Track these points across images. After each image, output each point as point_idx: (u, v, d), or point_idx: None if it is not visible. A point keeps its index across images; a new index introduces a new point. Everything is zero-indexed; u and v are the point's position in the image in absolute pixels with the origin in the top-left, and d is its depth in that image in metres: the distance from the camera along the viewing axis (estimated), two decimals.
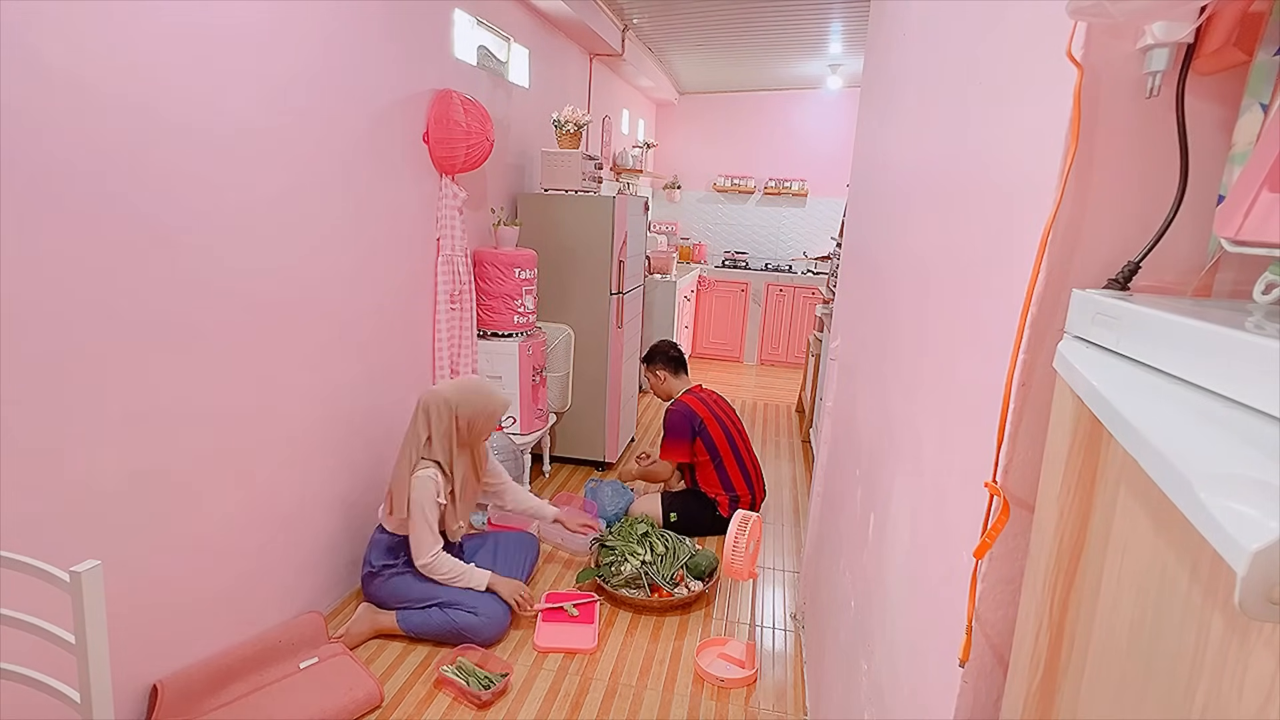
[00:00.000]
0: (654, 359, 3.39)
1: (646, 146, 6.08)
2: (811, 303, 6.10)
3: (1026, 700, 0.62)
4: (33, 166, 1.34)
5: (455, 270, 2.83)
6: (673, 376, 3.35)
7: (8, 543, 1.34)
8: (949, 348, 0.96)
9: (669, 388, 3.34)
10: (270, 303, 1.96)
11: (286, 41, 1.91)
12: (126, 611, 1.62)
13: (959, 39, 1.05)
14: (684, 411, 3.15)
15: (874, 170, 1.94)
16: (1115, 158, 0.62)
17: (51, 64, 1.35)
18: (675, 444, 3.13)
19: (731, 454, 3.13)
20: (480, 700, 1.96)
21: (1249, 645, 0.33)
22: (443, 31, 2.72)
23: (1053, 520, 0.59)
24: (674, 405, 3.22)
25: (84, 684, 1.08)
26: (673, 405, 3.23)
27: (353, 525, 2.45)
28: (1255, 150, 0.51)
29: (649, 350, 3.46)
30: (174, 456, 1.72)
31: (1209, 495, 0.33)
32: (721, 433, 3.13)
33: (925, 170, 1.22)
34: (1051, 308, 0.65)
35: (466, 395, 2.29)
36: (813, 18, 4.08)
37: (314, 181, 2.08)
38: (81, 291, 1.46)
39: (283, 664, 1.99)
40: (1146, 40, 0.57)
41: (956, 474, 0.86)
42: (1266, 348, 0.37)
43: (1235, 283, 0.60)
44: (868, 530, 1.39)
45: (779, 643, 2.37)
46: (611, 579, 2.53)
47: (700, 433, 3.10)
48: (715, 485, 3.10)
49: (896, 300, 1.37)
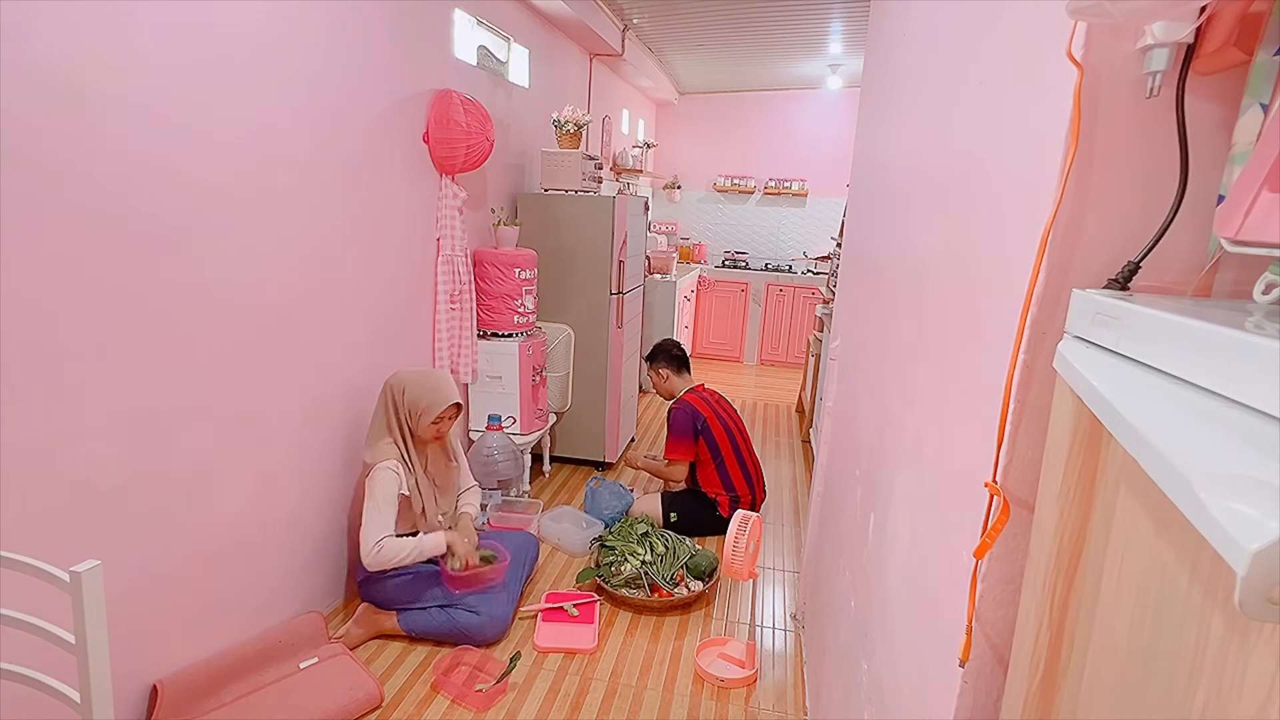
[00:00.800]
0: (657, 357, 3.39)
1: (646, 146, 6.08)
2: (811, 303, 6.10)
3: (1026, 700, 0.62)
4: (33, 167, 1.34)
5: (455, 270, 2.83)
6: (675, 375, 3.35)
7: (8, 543, 1.34)
8: (949, 348, 0.96)
9: (672, 386, 3.35)
10: (270, 303, 1.96)
11: (286, 42, 1.91)
12: (126, 611, 1.62)
13: (959, 39, 1.05)
14: (687, 410, 3.15)
15: (874, 170, 1.94)
16: (1115, 158, 0.62)
17: (52, 65, 1.35)
18: (679, 442, 3.13)
19: (733, 454, 3.13)
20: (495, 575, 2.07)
21: (1249, 645, 0.33)
22: (443, 31, 2.72)
23: (1053, 520, 0.59)
24: (677, 404, 3.22)
25: (84, 684, 1.08)
26: (676, 404, 3.23)
27: (353, 525, 2.45)
28: (1255, 150, 0.51)
29: (652, 349, 3.46)
30: (174, 456, 1.72)
31: (1209, 495, 0.33)
32: (723, 432, 3.13)
33: (925, 170, 1.22)
34: (1051, 308, 0.65)
35: (411, 381, 2.28)
36: (813, 18, 4.08)
37: (314, 181, 2.08)
38: (82, 292, 1.46)
39: (283, 664, 1.98)
40: (1146, 40, 0.57)
41: (956, 474, 0.86)
42: (1266, 348, 0.37)
43: (1235, 283, 0.60)
44: (868, 530, 1.39)
45: (779, 643, 2.37)
46: (611, 579, 2.53)
47: (703, 432, 3.11)
48: (716, 485, 3.11)
49: (896, 300, 1.37)
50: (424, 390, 2.26)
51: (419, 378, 2.30)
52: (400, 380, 2.28)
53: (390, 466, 2.17)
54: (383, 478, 2.16)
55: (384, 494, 2.15)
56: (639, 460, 3.40)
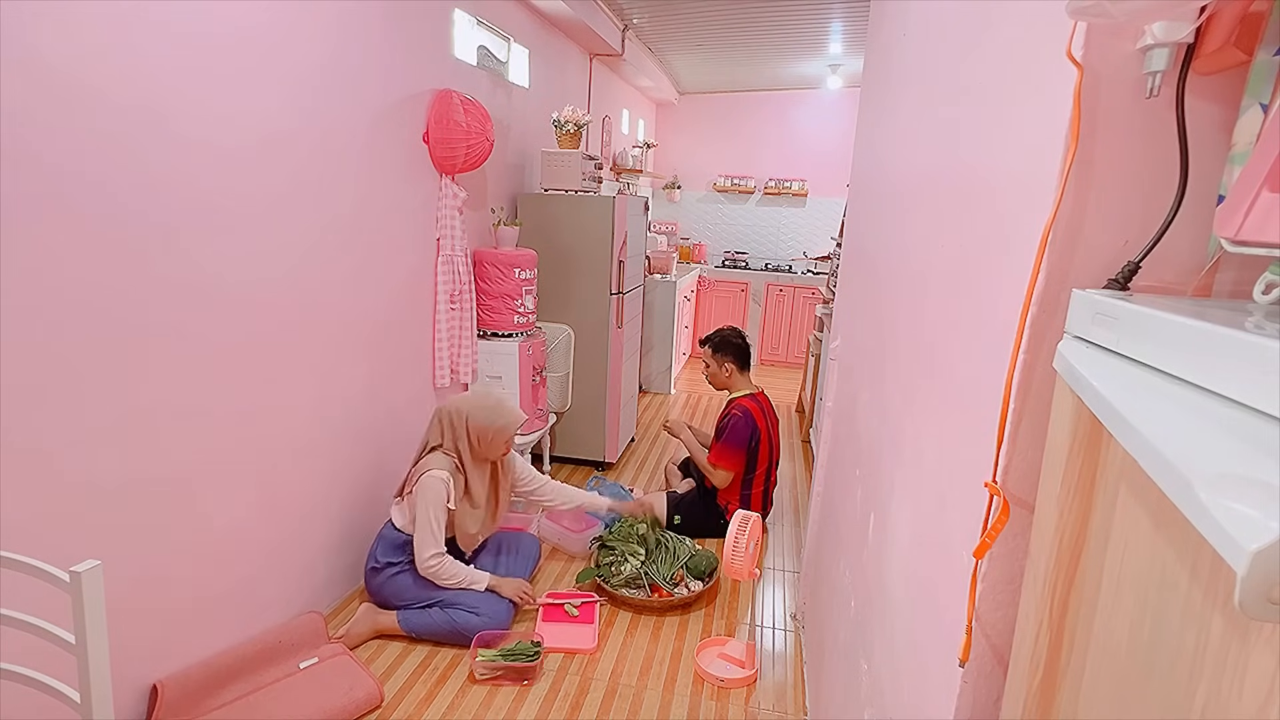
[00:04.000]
0: (724, 348, 3.07)
1: (646, 146, 6.08)
2: (811, 303, 6.10)
3: (1026, 700, 0.62)
4: (34, 169, 1.34)
5: (455, 270, 2.83)
6: (739, 372, 3.10)
7: (8, 543, 1.34)
8: (949, 348, 0.96)
9: (733, 383, 3.09)
10: (270, 303, 1.96)
11: (287, 42, 1.91)
12: (126, 611, 1.62)
13: (958, 38, 1.05)
14: (749, 421, 2.94)
15: (874, 170, 1.94)
16: (1115, 158, 0.62)
17: (54, 67, 1.35)
18: (733, 451, 2.93)
19: (764, 473, 3.01)
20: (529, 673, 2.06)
21: (1249, 645, 0.33)
22: (443, 31, 2.72)
23: (1053, 520, 0.59)
24: (738, 409, 2.98)
25: (84, 684, 1.08)
26: (737, 408, 2.99)
27: (353, 525, 2.45)
28: (1255, 150, 0.51)
29: (718, 336, 3.11)
30: (175, 457, 1.72)
31: (1209, 495, 0.33)
32: (768, 452, 2.98)
33: (925, 170, 1.22)
34: (1051, 308, 0.65)
35: (477, 406, 2.31)
36: (813, 18, 4.08)
37: (314, 182, 2.08)
38: (84, 292, 1.46)
39: (283, 664, 1.98)
40: (1146, 40, 0.57)
41: (956, 474, 0.86)
42: (1266, 348, 0.37)
43: (1235, 283, 0.60)
44: (868, 530, 1.39)
45: (779, 643, 2.37)
46: (611, 579, 2.53)
47: (754, 447, 2.94)
48: (734, 497, 3.01)
49: (896, 300, 1.37)
50: (493, 414, 2.30)
51: (482, 401, 2.32)
52: (459, 408, 2.30)
53: (441, 477, 2.21)
54: (433, 485, 2.19)
55: (435, 501, 2.19)
56: (681, 430, 3.14)
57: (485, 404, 2.32)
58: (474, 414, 2.29)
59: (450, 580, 2.23)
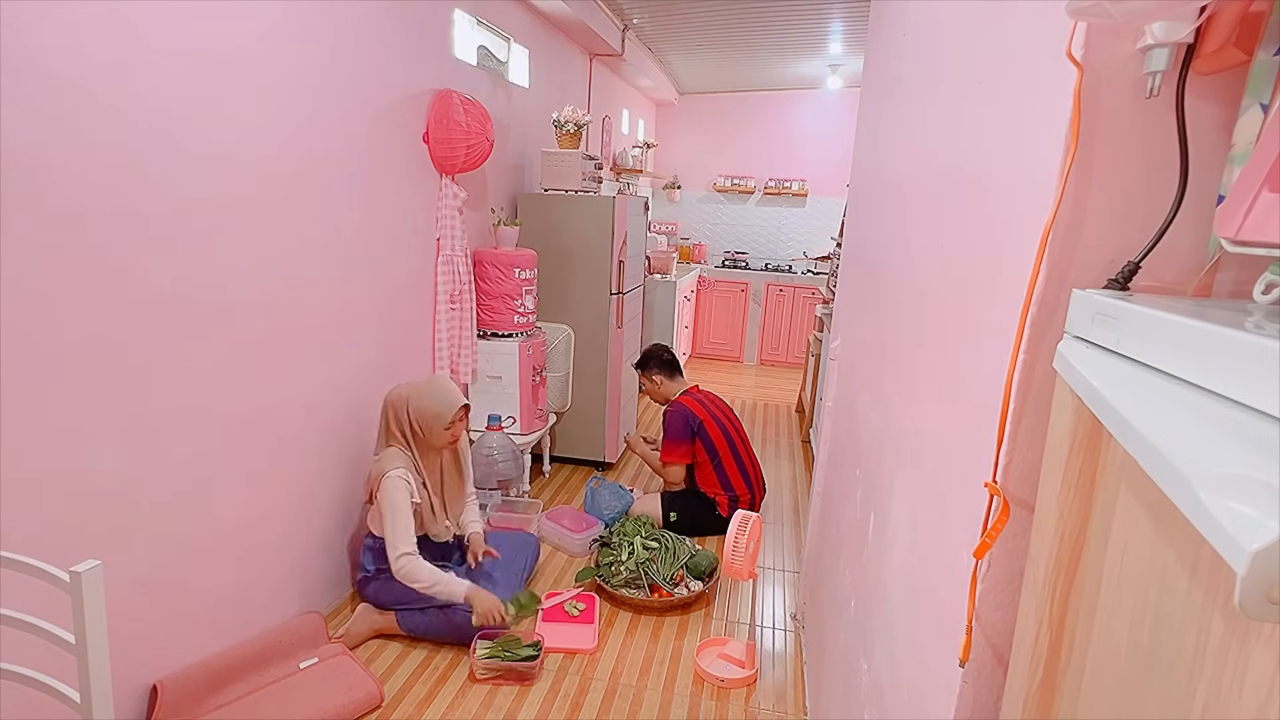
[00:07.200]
0: (648, 364, 3.38)
1: (646, 146, 6.08)
2: (811, 303, 6.10)
3: (1026, 700, 0.62)
4: (35, 171, 1.33)
5: (455, 270, 2.83)
6: (668, 380, 3.35)
7: (8, 543, 1.34)
8: (949, 348, 0.96)
9: (666, 390, 3.34)
10: (270, 303, 1.96)
11: (287, 44, 1.91)
12: (126, 611, 1.62)
13: (958, 39, 1.05)
14: (682, 412, 3.15)
15: (874, 170, 1.94)
16: (1115, 158, 0.62)
17: (54, 72, 1.35)
18: (676, 445, 3.13)
19: (730, 454, 3.13)
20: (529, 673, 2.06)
21: (1249, 645, 0.33)
22: (443, 31, 2.72)
23: (1053, 520, 0.59)
24: (672, 407, 3.22)
25: (84, 684, 1.08)
26: (670, 407, 3.22)
27: (352, 526, 2.45)
28: (1255, 150, 0.51)
29: (641, 356, 3.45)
30: (174, 457, 1.72)
31: (1209, 495, 0.33)
32: (720, 433, 3.13)
33: (925, 170, 1.22)
34: (1051, 308, 0.65)
35: (416, 390, 2.28)
36: (813, 18, 4.08)
37: (315, 183, 2.08)
38: (84, 293, 1.46)
39: (283, 664, 1.98)
40: (1146, 40, 0.57)
41: (956, 474, 0.86)
42: (1266, 348, 0.37)
43: (1235, 283, 0.60)
44: (868, 530, 1.39)
45: (779, 643, 2.37)
46: (611, 579, 2.53)
47: (699, 433, 3.11)
48: (714, 485, 3.11)
49: (896, 300, 1.37)
50: (430, 399, 2.25)
51: (421, 388, 2.29)
52: (401, 394, 2.27)
53: (399, 475, 2.17)
54: (394, 487, 2.15)
55: (399, 503, 2.14)
56: (637, 444, 3.38)
57: (422, 388, 2.28)
58: (413, 397, 2.25)
59: (423, 584, 2.10)
